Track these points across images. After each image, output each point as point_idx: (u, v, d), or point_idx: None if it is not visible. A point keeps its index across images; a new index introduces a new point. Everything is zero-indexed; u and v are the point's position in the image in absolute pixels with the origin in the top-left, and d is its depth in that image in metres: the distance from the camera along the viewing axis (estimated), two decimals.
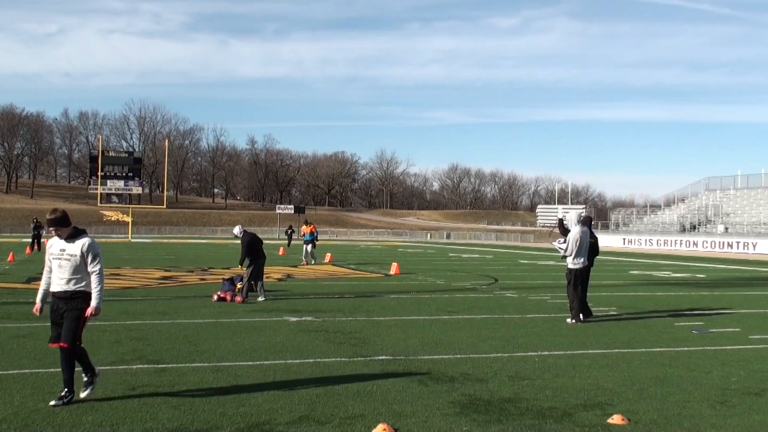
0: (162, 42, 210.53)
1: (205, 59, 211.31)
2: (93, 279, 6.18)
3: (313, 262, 28.29)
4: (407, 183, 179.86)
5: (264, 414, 5.85)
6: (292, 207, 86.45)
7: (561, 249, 12.55)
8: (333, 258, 31.57)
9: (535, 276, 23.61)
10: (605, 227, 67.61)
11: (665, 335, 10.64)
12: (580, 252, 12.16)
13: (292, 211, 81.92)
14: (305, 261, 28.35)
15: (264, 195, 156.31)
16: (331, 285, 18.75)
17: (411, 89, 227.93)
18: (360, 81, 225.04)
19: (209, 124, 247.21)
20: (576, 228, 12.24)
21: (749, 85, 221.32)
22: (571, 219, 12.55)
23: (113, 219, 73.81)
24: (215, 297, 14.24)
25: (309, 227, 29.10)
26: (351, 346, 9.19)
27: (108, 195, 64.89)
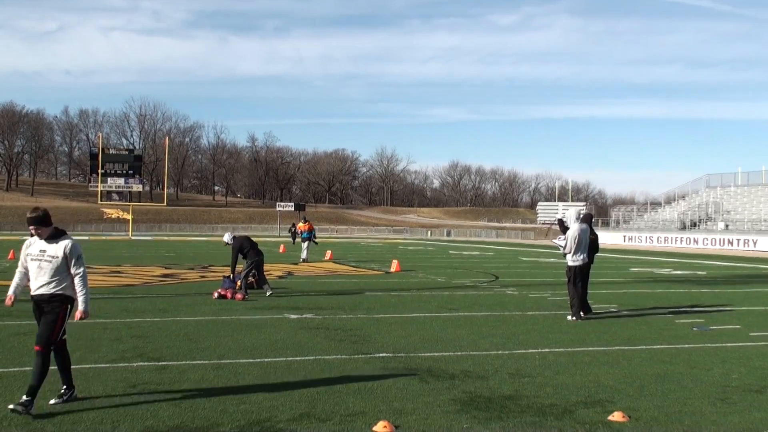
0: (162, 39, 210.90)
1: (206, 57, 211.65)
2: (77, 282, 5.97)
3: (302, 258, 27.78)
4: (408, 180, 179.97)
5: (265, 411, 5.85)
6: (292, 204, 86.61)
7: (560, 246, 12.55)
8: (333, 255, 31.58)
9: (536, 273, 23.61)
10: (606, 224, 67.61)
11: (666, 332, 10.64)
12: (579, 249, 12.15)
13: (292, 209, 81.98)
14: (304, 258, 28.03)
15: (264, 192, 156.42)
16: (332, 282, 18.75)
17: (411, 86, 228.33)
18: (360, 78, 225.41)
19: (210, 121, 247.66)
20: (575, 225, 12.23)
21: (750, 82, 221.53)
22: (570, 216, 12.55)
23: (114, 216, 73.76)
24: (215, 294, 14.24)
25: (306, 225, 28.81)
26: (351, 343, 9.19)
27: (108, 192, 64.90)
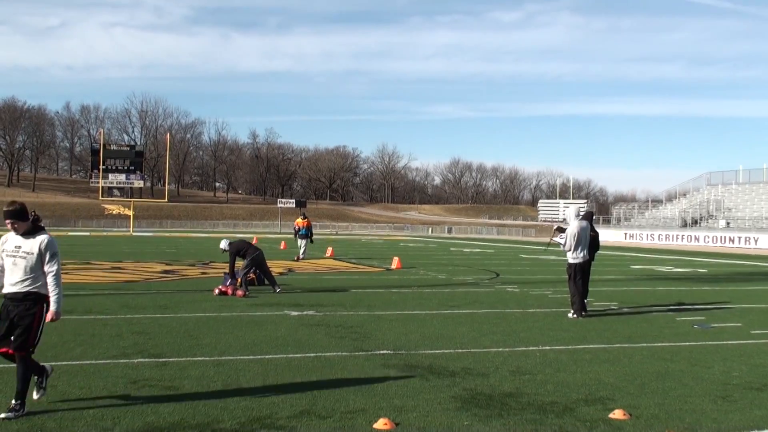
0: (164, 35, 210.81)
1: (207, 53, 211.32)
2: (50, 281, 5.66)
3: (300, 255, 27.28)
4: (409, 177, 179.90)
5: (265, 408, 5.85)
6: (293, 201, 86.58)
7: (560, 244, 12.55)
8: (334, 252, 31.58)
9: (537, 270, 23.60)
10: (607, 222, 67.58)
11: (667, 330, 10.64)
12: (579, 246, 12.14)
13: (293, 205, 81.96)
14: (301, 256, 27.46)
15: (265, 189, 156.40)
16: (333, 279, 18.76)
17: (413, 83, 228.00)
18: (362, 75, 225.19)
19: (211, 117, 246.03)
20: (574, 222, 12.22)
21: (752, 80, 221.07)
22: (570, 214, 12.54)
23: (115, 212, 73.86)
24: (216, 291, 14.24)
25: (304, 221, 28.34)
26: (352, 340, 9.19)
27: (110, 188, 65.17)
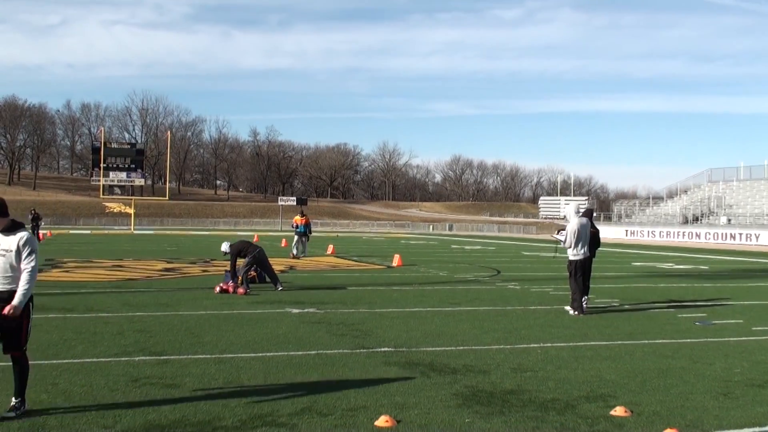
0: (165, 33, 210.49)
1: (208, 51, 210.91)
2: (24, 276, 5.49)
3: (303, 255, 26.93)
4: (410, 175, 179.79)
5: (266, 405, 5.85)
6: (294, 199, 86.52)
7: (561, 241, 12.55)
8: (335, 250, 31.59)
9: (538, 268, 23.60)
10: (608, 219, 67.59)
11: (668, 327, 10.63)
12: (579, 243, 12.13)
13: (294, 203, 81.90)
14: (294, 254, 26.97)
15: (266, 187, 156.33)
16: (334, 277, 18.76)
17: (414, 81, 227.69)
18: (362, 72, 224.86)
19: (212, 115, 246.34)
20: (574, 219, 12.21)
21: (753, 77, 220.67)
22: (570, 211, 12.53)
23: (116, 211, 73.79)
24: (217, 289, 14.24)
25: (302, 219, 27.71)
26: (353, 337, 9.19)
27: (110, 186, 64.97)
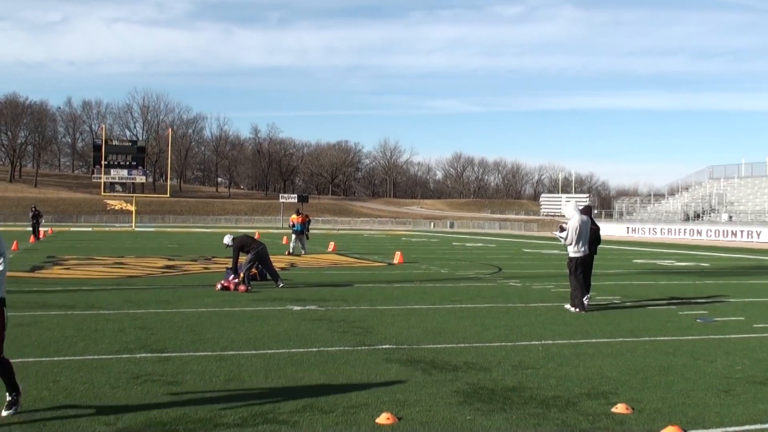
0: (166, 31, 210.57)
1: (209, 48, 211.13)
2: None
3: (304, 252, 26.70)
4: (411, 172, 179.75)
5: (267, 403, 5.85)
6: (295, 196, 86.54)
7: (561, 238, 12.53)
8: (337, 247, 31.59)
9: (539, 265, 23.60)
10: (609, 216, 67.53)
11: (669, 324, 10.62)
12: (580, 240, 12.12)
13: (295, 200, 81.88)
14: (290, 251, 26.96)
15: (267, 184, 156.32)
16: (335, 274, 18.75)
17: (415, 78, 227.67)
18: (364, 70, 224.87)
19: (213, 113, 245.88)
20: (576, 216, 12.19)
21: (754, 73, 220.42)
22: (570, 208, 12.51)
23: (117, 208, 73.91)
24: (219, 286, 14.24)
25: (300, 217, 27.37)
26: (354, 335, 9.19)
27: (111, 184, 64.83)
